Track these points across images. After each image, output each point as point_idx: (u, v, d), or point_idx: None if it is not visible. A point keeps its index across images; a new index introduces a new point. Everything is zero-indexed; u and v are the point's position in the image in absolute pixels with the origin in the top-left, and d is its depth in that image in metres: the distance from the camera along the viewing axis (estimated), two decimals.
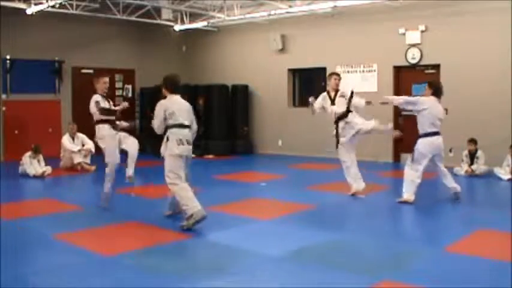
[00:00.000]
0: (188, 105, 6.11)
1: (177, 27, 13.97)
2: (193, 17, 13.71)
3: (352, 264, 4.67)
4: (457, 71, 10.46)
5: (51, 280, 4.31)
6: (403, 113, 11.47)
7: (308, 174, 10.37)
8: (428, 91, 7.24)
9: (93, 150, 10.80)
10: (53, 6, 11.19)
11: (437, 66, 11.00)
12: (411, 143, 7.49)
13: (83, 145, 10.84)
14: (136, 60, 14.52)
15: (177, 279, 4.30)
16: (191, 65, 15.03)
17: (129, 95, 14.38)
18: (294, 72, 13.70)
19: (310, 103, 7.84)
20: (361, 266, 4.62)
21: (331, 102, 7.79)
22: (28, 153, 9.88)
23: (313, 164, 11.53)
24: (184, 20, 13.80)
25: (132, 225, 6.24)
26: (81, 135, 10.97)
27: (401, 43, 11.38)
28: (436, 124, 7.09)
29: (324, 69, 12.50)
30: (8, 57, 12.31)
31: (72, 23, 12.75)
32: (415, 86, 11.40)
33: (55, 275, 4.44)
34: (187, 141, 5.91)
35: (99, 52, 13.71)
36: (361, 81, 11.96)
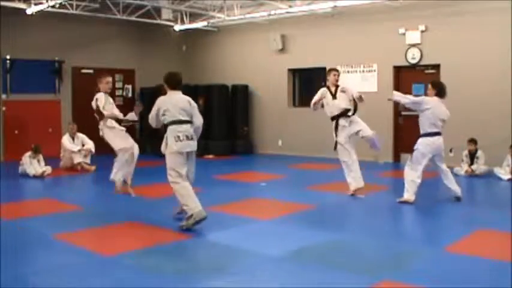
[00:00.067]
0: (186, 100, 5.93)
1: (177, 27, 13.98)
2: (193, 17, 13.71)
3: (352, 264, 4.67)
4: (457, 71, 10.46)
5: (51, 280, 4.31)
6: (403, 113, 11.50)
7: (308, 174, 10.36)
8: (432, 91, 7.22)
9: (93, 150, 10.82)
10: (53, 6, 11.19)
11: (437, 66, 11.01)
12: (411, 143, 7.49)
13: (83, 145, 10.85)
14: (136, 60, 14.53)
15: (177, 279, 4.30)
16: (191, 65, 15.03)
17: (129, 95, 14.38)
18: (294, 72, 13.70)
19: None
20: (361, 266, 4.62)
21: (333, 96, 7.80)
22: (28, 153, 9.88)
23: (313, 164, 11.53)
24: (184, 20, 13.81)
25: (132, 225, 6.24)
26: (81, 135, 10.97)
27: (401, 43, 11.38)
28: (437, 125, 7.09)
29: (324, 69, 12.45)
30: (8, 57, 12.32)
31: (72, 23, 12.75)
32: (415, 85, 11.42)
33: (55, 275, 4.43)
34: (186, 137, 5.78)
35: (99, 52, 13.71)
36: (361, 81, 11.96)
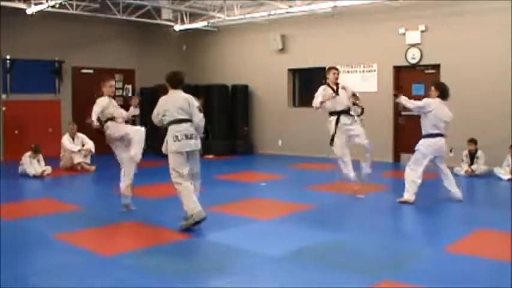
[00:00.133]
0: (184, 98, 5.87)
1: (177, 27, 13.97)
2: (193, 17, 13.71)
3: (352, 264, 4.67)
4: (457, 71, 10.45)
5: (51, 280, 4.31)
6: (403, 113, 11.49)
7: (308, 174, 10.36)
8: (434, 92, 7.21)
9: (93, 150, 10.82)
10: (53, 6, 11.19)
11: (437, 66, 11.00)
12: (411, 143, 7.50)
13: (83, 145, 10.85)
14: (136, 60, 14.53)
15: (177, 279, 4.30)
16: (191, 65, 15.02)
17: (129, 94, 14.38)
18: (294, 72, 13.70)
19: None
20: (361, 266, 4.62)
21: (335, 93, 7.90)
22: (28, 153, 9.88)
23: (313, 164, 11.53)
24: (184, 20, 13.81)
25: (132, 225, 6.24)
26: (81, 135, 10.97)
27: (401, 43, 11.38)
28: (439, 126, 7.08)
29: (324, 69, 12.45)
30: (8, 57, 12.31)
31: (72, 23, 12.75)
32: (415, 85, 11.43)
33: (55, 275, 4.44)
34: (186, 136, 5.74)
35: (99, 52, 13.71)
36: (361, 81, 11.96)
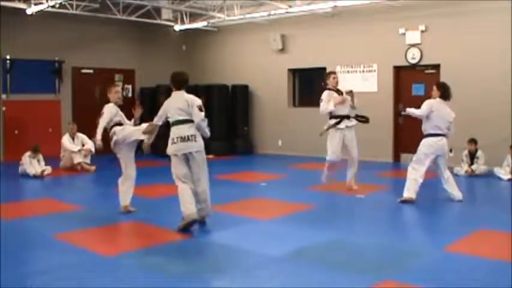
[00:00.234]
0: (184, 99, 5.82)
1: (177, 27, 13.98)
2: (193, 17, 13.71)
3: (352, 264, 4.67)
4: (457, 71, 10.45)
5: (51, 280, 4.31)
6: (403, 112, 11.48)
7: (308, 174, 10.35)
8: (436, 92, 7.22)
9: (93, 150, 10.80)
10: (53, 6, 11.19)
11: (437, 66, 11.00)
12: (411, 143, 7.50)
13: (83, 145, 10.86)
14: (137, 60, 14.53)
15: (177, 279, 4.30)
16: (191, 65, 15.01)
17: (129, 95, 14.38)
18: (294, 72, 13.70)
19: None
20: (361, 266, 4.62)
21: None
22: (28, 153, 9.88)
23: (313, 164, 11.50)
24: (184, 20, 13.81)
25: (132, 225, 6.25)
26: (81, 135, 10.98)
27: (401, 43, 11.37)
28: (440, 126, 7.09)
29: (324, 69, 12.48)
30: (8, 57, 12.31)
31: (72, 23, 12.75)
32: (415, 85, 11.43)
33: (55, 275, 4.43)
34: (181, 138, 5.69)
35: (99, 52, 13.71)
36: (361, 81, 11.96)
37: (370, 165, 10.39)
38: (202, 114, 5.82)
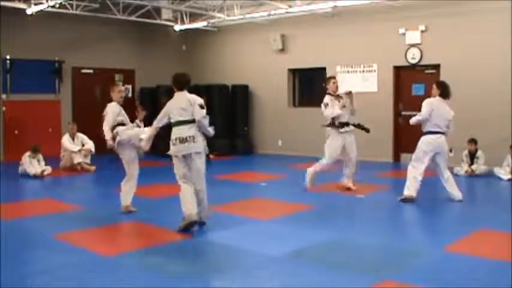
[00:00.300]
0: (187, 99, 5.80)
1: (177, 27, 13.98)
2: (193, 17, 13.71)
3: (352, 264, 4.67)
4: (457, 71, 10.45)
5: (51, 280, 4.31)
6: (403, 112, 11.50)
7: None
8: (435, 91, 7.24)
9: (93, 150, 10.82)
10: (53, 6, 11.19)
11: (437, 66, 11.00)
12: (411, 143, 7.50)
13: (83, 145, 10.85)
14: (137, 60, 14.52)
15: (177, 279, 4.30)
16: (191, 65, 15.01)
17: (129, 94, 14.38)
18: (294, 72, 13.70)
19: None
20: (361, 266, 4.62)
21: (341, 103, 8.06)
22: (27, 153, 9.88)
23: (313, 164, 11.49)
24: (184, 20, 13.81)
25: (132, 225, 6.25)
26: (81, 135, 10.97)
27: (401, 43, 11.37)
28: (439, 124, 7.11)
29: (324, 69, 12.50)
30: (8, 57, 12.31)
31: (72, 23, 12.75)
32: (415, 85, 11.43)
33: (55, 275, 4.44)
34: (182, 139, 5.68)
35: (99, 52, 13.71)
36: (361, 81, 11.96)
37: (370, 165, 10.39)
38: (204, 111, 5.81)
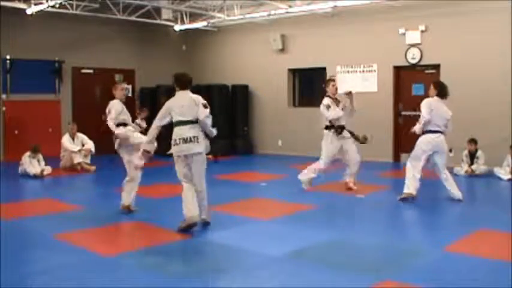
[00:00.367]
0: (191, 99, 5.79)
1: (177, 27, 13.98)
2: (193, 17, 13.71)
3: (352, 264, 4.67)
4: (457, 71, 10.45)
5: (51, 280, 4.31)
6: (403, 112, 11.50)
7: None
8: (433, 91, 7.25)
9: (93, 150, 10.82)
10: (53, 6, 11.19)
11: (437, 66, 11.00)
12: (411, 143, 7.51)
13: (83, 145, 10.85)
14: (137, 60, 14.52)
15: (177, 279, 4.30)
16: (191, 65, 15.01)
17: (129, 94, 14.37)
18: (294, 72, 13.70)
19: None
20: (361, 266, 4.62)
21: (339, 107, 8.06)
22: (27, 153, 9.88)
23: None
24: (184, 20, 13.81)
25: (132, 225, 6.25)
26: (81, 135, 10.97)
27: (401, 43, 11.37)
28: (438, 124, 7.13)
29: (324, 69, 12.51)
30: (8, 57, 12.31)
31: (72, 23, 12.75)
32: (415, 85, 11.43)
33: (55, 275, 4.44)
34: (183, 140, 5.67)
35: (99, 52, 13.71)
36: (361, 81, 11.96)
37: (370, 165, 10.39)
38: (207, 111, 5.80)
